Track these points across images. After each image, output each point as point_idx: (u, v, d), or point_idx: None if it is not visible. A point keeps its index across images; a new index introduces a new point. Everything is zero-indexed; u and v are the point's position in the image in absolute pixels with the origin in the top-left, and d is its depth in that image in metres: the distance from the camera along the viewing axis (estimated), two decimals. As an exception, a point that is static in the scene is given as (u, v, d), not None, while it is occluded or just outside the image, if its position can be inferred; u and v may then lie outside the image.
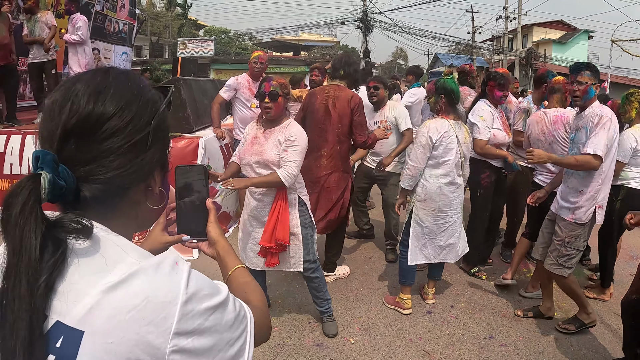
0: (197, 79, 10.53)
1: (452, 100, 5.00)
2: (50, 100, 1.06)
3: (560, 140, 5.64)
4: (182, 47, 37.31)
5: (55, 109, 1.04)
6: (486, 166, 6.04)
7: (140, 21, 19.58)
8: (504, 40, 45.47)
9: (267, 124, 4.56)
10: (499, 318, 5.24)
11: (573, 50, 49.07)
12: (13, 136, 7.20)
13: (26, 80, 10.92)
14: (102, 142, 1.04)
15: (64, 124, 1.02)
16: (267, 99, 4.36)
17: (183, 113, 7.22)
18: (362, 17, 39.93)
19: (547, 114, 5.73)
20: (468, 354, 4.54)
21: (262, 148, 4.45)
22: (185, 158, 6.76)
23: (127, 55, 15.93)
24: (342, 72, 5.80)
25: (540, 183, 5.78)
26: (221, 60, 41.40)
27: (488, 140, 5.83)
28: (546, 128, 5.68)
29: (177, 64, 13.80)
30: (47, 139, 1.04)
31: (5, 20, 8.32)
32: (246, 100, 7.24)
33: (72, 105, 1.03)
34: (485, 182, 6.05)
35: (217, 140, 7.43)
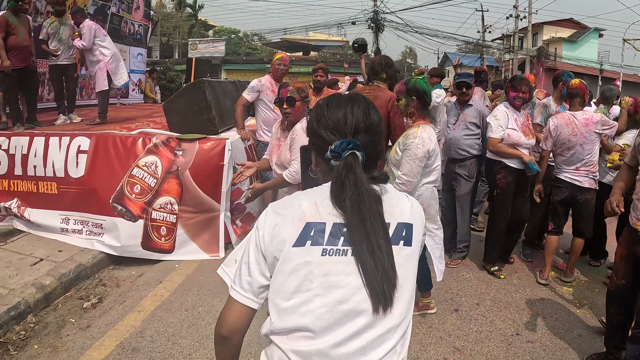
0: (219, 80, 10.61)
1: (425, 102, 4.80)
2: (341, 114, 1.79)
3: (590, 141, 5.82)
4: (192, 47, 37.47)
5: (351, 118, 1.78)
6: (501, 166, 6.15)
7: (154, 22, 19.70)
8: (514, 39, 45.34)
9: (288, 126, 4.78)
10: (524, 315, 5.32)
11: (583, 49, 48.97)
12: (36, 138, 7.22)
13: (44, 82, 11.04)
14: (375, 136, 1.82)
15: (361, 125, 1.78)
16: (285, 104, 4.60)
17: (208, 115, 7.28)
18: (373, 17, 39.88)
19: (576, 117, 5.85)
20: (496, 351, 4.62)
21: (280, 150, 4.75)
22: (213, 159, 6.81)
23: (142, 56, 16.06)
24: (385, 75, 5.93)
25: (568, 180, 5.99)
26: (232, 60, 41.45)
27: (501, 140, 5.96)
28: (577, 130, 5.79)
29: (191, 65, 13.93)
30: (350, 132, 1.76)
31: (25, 22, 8.41)
32: (269, 102, 7.26)
33: (366, 116, 1.80)
34: (502, 183, 6.16)
35: (241, 142, 7.49)
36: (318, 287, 1.67)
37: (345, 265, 1.66)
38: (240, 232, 7.31)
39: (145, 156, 6.78)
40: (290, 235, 1.69)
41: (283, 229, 1.71)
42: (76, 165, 6.92)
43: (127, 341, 4.66)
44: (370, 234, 1.64)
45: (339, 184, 1.67)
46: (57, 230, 6.97)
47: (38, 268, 5.92)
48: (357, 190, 1.66)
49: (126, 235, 6.60)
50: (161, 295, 5.62)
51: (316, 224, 1.70)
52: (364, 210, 1.65)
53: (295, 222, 1.70)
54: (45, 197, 7.13)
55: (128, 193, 6.67)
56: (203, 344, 4.62)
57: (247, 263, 1.78)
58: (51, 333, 4.88)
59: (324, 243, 1.68)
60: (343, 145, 1.69)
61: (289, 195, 1.96)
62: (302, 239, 1.68)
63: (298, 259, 1.68)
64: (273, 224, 1.73)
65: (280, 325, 1.71)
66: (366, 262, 1.63)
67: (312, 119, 1.88)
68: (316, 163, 1.91)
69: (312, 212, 1.72)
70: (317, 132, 1.81)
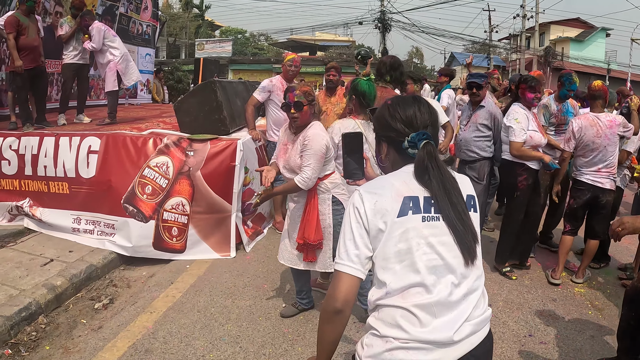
0: (230, 80, 10.59)
1: (362, 102, 5.02)
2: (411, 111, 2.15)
3: (614, 143, 5.83)
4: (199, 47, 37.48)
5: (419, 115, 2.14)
6: (523, 168, 6.08)
7: (162, 23, 19.71)
8: (521, 39, 45.25)
9: (296, 130, 4.73)
10: (537, 316, 5.28)
11: (591, 49, 48.83)
12: (46, 138, 7.25)
13: (52, 82, 11.08)
14: (436, 129, 2.22)
15: (427, 121, 2.15)
16: (292, 109, 4.54)
17: (219, 115, 7.26)
18: (380, 16, 39.85)
19: (599, 118, 5.83)
20: (510, 352, 4.59)
21: (288, 154, 4.69)
22: (225, 160, 6.81)
23: (150, 56, 16.08)
24: (388, 77, 5.93)
25: (590, 182, 5.98)
26: (239, 60, 41.42)
27: (524, 143, 5.90)
28: (602, 131, 5.77)
29: (199, 65, 13.92)
30: (421, 127, 2.12)
31: (35, 22, 8.41)
32: (280, 102, 7.25)
33: (430, 114, 2.17)
34: (523, 185, 6.11)
35: (252, 142, 7.50)
36: (424, 247, 1.99)
37: (441, 228, 2.02)
38: (251, 233, 7.32)
39: (156, 157, 6.80)
40: (392, 207, 2.00)
41: (384, 203, 2.01)
42: (87, 166, 6.95)
43: (139, 342, 4.63)
44: (456, 203, 2.04)
45: (423, 167, 2.04)
46: (68, 230, 7.00)
47: (49, 268, 5.92)
48: (439, 170, 2.04)
49: (138, 236, 6.62)
50: (173, 296, 5.60)
51: (411, 198, 2.03)
52: (448, 185, 2.04)
53: (394, 197, 2.02)
54: (56, 196, 7.16)
55: (139, 194, 6.68)
56: (216, 345, 4.59)
57: (352, 239, 2.03)
58: (62, 334, 4.89)
59: (422, 212, 2.02)
60: (419, 136, 2.06)
61: (376, 178, 2.40)
62: (404, 210, 2.00)
63: (404, 226, 1.99)
64: (373, 201, 2.02)
65: (398, 284, 1.99)
66: (456, 225, 2.01)
67: (384, 116, 2.21)
68: (386, 153, 2.25)
69: (405, 189, 2.05)
70: (391, 126, 2.16)
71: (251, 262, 6.61)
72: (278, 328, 4.92)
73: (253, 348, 4.55)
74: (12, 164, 7.42)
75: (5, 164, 7.46)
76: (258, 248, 7.16)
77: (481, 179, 6.63)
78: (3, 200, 7.50)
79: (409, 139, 2.07)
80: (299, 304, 5.19)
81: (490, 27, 50.76)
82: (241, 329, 4.88)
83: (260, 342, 4.66)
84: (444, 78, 9.37)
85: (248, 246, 7.07)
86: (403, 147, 2.09)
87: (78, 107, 9.71)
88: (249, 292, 5.72)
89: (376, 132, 2.30)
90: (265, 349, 4.50)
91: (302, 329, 4.90)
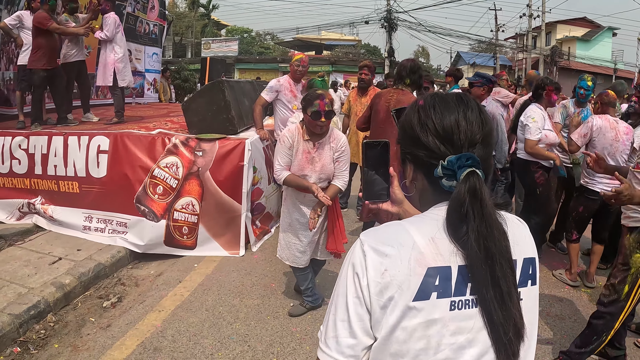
0: (238, 80, 10.60)
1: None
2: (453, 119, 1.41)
3: (627, 149, 5.81)
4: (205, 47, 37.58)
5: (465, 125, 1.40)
6: (538, 165, 6.21)
7: (168, 22, 19.73)
8: (528, 38, 45.19)
9: (315, 137, 4.67)
10: (543, 316, 5.29)
11: (597, 48, 48.71)
12: (55, 137, 7.29)
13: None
14: (490, 148, 1.46)
15: (477, 136, 1.40)
16: (323, 117, 4.45)
17: (227, 115, 7.28)
18: (386, 16, 39.83)
19: (618, 123, 5.83)
20: (518, 352, 4.58)
21: (322, 164, 4.67)
22: (233, 159, 6.83)
23: (157, 55, 16.08)
24: (409, 80, 5.98)
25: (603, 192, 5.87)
26: (245, 60, 41.49)
27: (539, 141, 5.96)
28: (620, 137, 5.77)
29: (206, 64, 13.93)
30: (466, 145, 1.38)
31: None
32: (287, 101, 7.36)
33: (482, 124, 1.42)
34: (541, 180, 6.22)
35: (260, 142, 7.51)
36: (447, 350, 1.31)
37: (475, 319, 1.31)
38: (259, 232, 7.36)
39: (165, 157, 6.84)
40: (408, 284, 1.30)
41: (397, 276, 1.30)
42: (97, 165, 7.01)
43: (148, 341, 4.66)
44: (500, 278, 1.28)
45: (461, 212, 1.31)
46: (79, 228, 7.07)
47: (57, 267, 5.94)
48: (484, 222, 1.30)
49: (149, 235, 6.72)
50: (181, 295, 5.62)
51: (440, 269, 1.31)
52: (493, 249, 1.29)
53: (412, 266, 1.31)
54: (67, 195, 7.23)
55: (151, 193, 6.78)
56: (225, 344, 4.61)
57: (347, 321, 1.35)
58: (71, 332, 4.89)
59: (452, 294, 1.31)
60: (461, 161, 1.33)
61: (387, 225, 1.46)
62: (426, 290, 1.30)
63: (422, 315, 1.29)
64: (380, 270, 1.32)
65: None
66: (494, 314, 1.28)
67: (411, 123, 1.49)
68: (413, 177, 1.51)
69: (432, 252, 1.32)
70: (420, 140, 1.43)
71: (259, 261, 6.63)
72: (286, 327, 4.94)
73: (261, 347, 4.56)
74: (22, 163, 7.47)
75: (16, 163, 7.51)
76: (265, 247, 7.18)
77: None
78: (14, 198, 7.54)
79: (445, 163, 1.34)
80: (307, 302, 5.21)
81: (496, 27, 50.73)
82: (249, 328, 4.90)
83: (269, 340, 4.68)
84: (450, 78, 9.38)
85: (255, 245, 7.09)
86: (435, 175, 1.38)
87: (83, 106, 9.67)
88: (257, 291, 5.74)
89: (400, 146, 1.56)
90: (273, 347, 4.52)
91: (310, 328, 4.92)
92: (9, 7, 8.65)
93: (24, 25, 8.06)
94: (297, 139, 4.71)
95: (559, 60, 43.37)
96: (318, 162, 4.64)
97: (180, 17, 51.31)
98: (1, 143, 7.57)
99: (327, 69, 40.20)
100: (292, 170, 4.74)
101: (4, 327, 4.53)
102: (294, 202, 4.93)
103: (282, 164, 4.74)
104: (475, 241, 1.27)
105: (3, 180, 7.62)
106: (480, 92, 6.78)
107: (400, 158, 1.58)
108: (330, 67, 41.26)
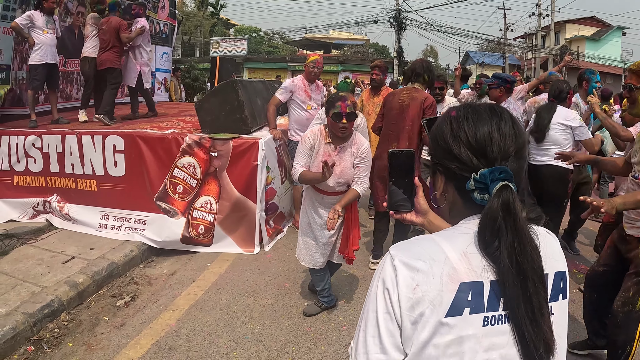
0: (250, 80, 10.62)
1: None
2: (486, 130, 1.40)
3: None
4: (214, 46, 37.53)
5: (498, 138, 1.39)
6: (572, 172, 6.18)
7: (178, 22, 19.75)
8: (537, 38, 45.08)
9: (338, 140, 4.64)
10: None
11: (606, 47, 48.56)
12: (68, 136, 7.35)
13: (72, 81, 11.22)
14: (524, 162, 1.44)
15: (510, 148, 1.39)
16: (344, 119, 4.40)
17: (241, 114, 7.27)
18: (395, 15, 39.81)
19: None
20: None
21: (341, 168, 4.63)
22: (247, 159, 6.86)
23: (167, 55, 16.08)
24: (427, 77, 6.08)
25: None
26: (254, 59, 41.54)
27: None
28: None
29: (215, 64, 13.92)
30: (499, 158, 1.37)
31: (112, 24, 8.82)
32: (302, 102, 7.39)
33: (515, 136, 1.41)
34: (570, 190, 6.25)
35: (273, 142, 7.52)
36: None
37: (508, 335, 1.30)
38: (272, 232, 7.38)
39: (182, 157, 6.94)
40: (440, 300, 1.29)
41: (429, 292, 1.29)
42: (115, 165, 7.14)
43: (163, 340, 4.66)
44: (532, 294, 1.27)
45: (493, 228, 1.30)
46: (94, 226, 7.18)
47: (70, 266, 5.95)
48: (517, 238, 1.29)
49: (168, 232, 6.83)
50: (195, 294, 5.62)
51: (472, 285, 1.30)
52: (525, 265, 1.28)
53: (444, 281, 1.30)
54: (85, 193, 7.36)
55: (171, 192, 6.93)
56: (240, 343, 4.61)
57: (378, 337, 1.34)
58: (85, 331, 4.90)
59: (485, 309, 1.30)
60: (494, 175, 1.33)
61: (417, 239, 1.44)
62: (458, 306, 1.28)
63: (455, 332, 1.28)
64: (412, 285, 1.31)
65: None
66: (526, 331, 1.27)
67: (443, 133, 1.47)
68: (444, 189, 1.51)
69: (465, 268, 1.31)
70: (452, 151, 1.42)
71: (272, 261, 6.64)
72: (301, 326, 4.94)
73: (276, 346, 4.56)
74: (37, 161, 7.57)
75: (31, 161, 7.61)
76: (278, 247, 7.19)
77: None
78: (28, 197, 7.63)
79: (477, 176, 1.34)
80: (322, 302, 5.20)
81: (505, 26, 50.58)
82: (264, 327, 4.89)
83: (284, 340, 4.67)
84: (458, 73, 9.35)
85: (268, 245, 7.10)
86: (467, 188, 1.37)
87: (96, 105, 9.71)
88: (270, 291, 5.73)
89: (431, 157, 1.54)
90: (288, 347, 4.52)
91: (324, 328, 4.91)
92: (24, 7, 8.66)
93: (35, 24, 8.10)
94: (319, 141, 4.67)
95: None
96: (338, 166, 4.59)
97: (189, 16, 51.40)
98: (15, 142, 7.65)
99: (335, 69, 40.18)
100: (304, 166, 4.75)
101: (17, 325, 4.54)
102: (312, 202, 4.91)
103: (301, 164, 4.71)
104: (508, 257, 1.27)
105: (18, 178, 7.71)
106: (498, 94, 6.69)
107: (431, 169, 1.58)
108: (339, 66, 41.22)
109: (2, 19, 8.24)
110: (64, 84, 10.90)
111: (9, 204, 7.70)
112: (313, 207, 4.90)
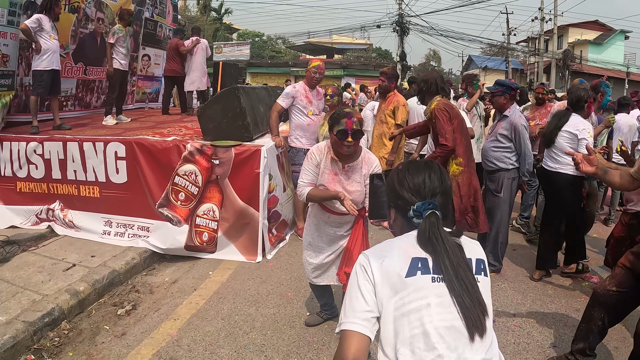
0: (253, 86, 10.68)
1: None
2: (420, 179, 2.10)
3: None
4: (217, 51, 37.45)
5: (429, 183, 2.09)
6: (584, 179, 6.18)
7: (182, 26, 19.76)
8: (540, 42, 45.08)
9: (345, 158, 4.31)
10: (561, 327, 5.23)
11: (609, 51, 48.60)
12: (69, 143, 7.34)
13: (93, 90, 11.53)
14: (448, 198, 2.15)
15: (437, 189, 2.09)
16: (350, 137, 4.08)
17: (243, 121, 7.23)
18: (398, 20, 39.82)
19: None
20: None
21: (350, 189, 4.31)
22: (249, 167, 6.84)
23: (172, 60, 16.11)
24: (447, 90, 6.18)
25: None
26: (257, 64, 41.53)
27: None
28: None
29: (218, 68, 13.92)
30: (428, 195, 2.07)
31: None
32: (303, 107, 7.37)
33: (441, 181, 2.11)
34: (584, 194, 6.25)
35: (275, 149, 7.47)
36: (437, 306, 1.87)
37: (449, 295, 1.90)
38: (275, 240, 7.36)
39: (183, 165, 6.92)
40: (400, 268, 1.92)
41: (392, 264, 1.94)
42: (117, 171, 7.15)
43: (164, 350, 4.64)
44: (463, 280, 1.89)
45: (426, 238, 1.95)
46: (97, 233, 7.19)
47: (71, 273, 5.93)
48: (444, 244, 1.93)
49: (171, 239, 6.87)
50: (196, 303, 5.60)
51: (420, 259, 1.94)
52: (454, 259, 1.92)
53: (401, 257, 1.95)
54: (87, 200, 7.37)
55: (173, 200, 6.92)
56: (241, 353, 4.58)
57: (360, 297, 1.94)
58: (86, 340, 4.87)
59: (431, 272, 1.92)
60: (425, 206, 2.00)
61: (379, 244, 2.13)
62: (413, 270, 1.92)
63: (414, 285, 1.90)
64: (380, 262, 1.96)
65: (415, 344, 1.85)
66: (464, 301, 1.87)
67: (393, 182, 2.16)
68: (394, 218, 2.22)
69: (413, 250, 1.97)
70: (399, 193, 2.11)
71: (274, 269, 6.61)
72: (303, 337, 4.90)
73: (278, 357, 4.53)
74: (39, 168, 7.58)
75: (33, 167, 7.62)
76: (280, 255, 7.16)
77: (498, 191, 6.42)
78: (31, 204, 7.65)
79: (415, 207, 2.02)
80: (324, 312, 5.16)
81: (508, 30, 50.58)
82: (266, 338, 4.86)
83: (286, 351, 4.64)
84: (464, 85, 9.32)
85: (270, 253, 7.07)
86: (409, 216, 2.04)
87: (118, 108, 10.33)
88: (272, 300, 5.71)
89: (388, 197, 2.27)
90: (290, 358, 4.49)
91: (327, 338, 4.88)
92: (29, 12, 8.63)
93: (43, 29, 8.09)
94: (325, 158, 4.39)
95: (571, 64, 43.25)
96: (345, 185, 4.32)
97: (192, 21, 51.43)
98: (17, 148, 7.65)
99: (338, 73, 40.22)
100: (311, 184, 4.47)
101: (18, 334, 4.52)
102: (317, 222, 4.65)
103: (306, 181, 4.42)
104: (440, 256, 1.92)
105: (21, 185, 7.71)
106: (502, 102, 6.44)
107: (388, 204, 2.28)
108: (342, 71, 41.28)
109: (9, 24, 8.21)
110: (83, 92, 11.17)
111: (12, 211, 7.72)
112: (317, 226, 4.64)
